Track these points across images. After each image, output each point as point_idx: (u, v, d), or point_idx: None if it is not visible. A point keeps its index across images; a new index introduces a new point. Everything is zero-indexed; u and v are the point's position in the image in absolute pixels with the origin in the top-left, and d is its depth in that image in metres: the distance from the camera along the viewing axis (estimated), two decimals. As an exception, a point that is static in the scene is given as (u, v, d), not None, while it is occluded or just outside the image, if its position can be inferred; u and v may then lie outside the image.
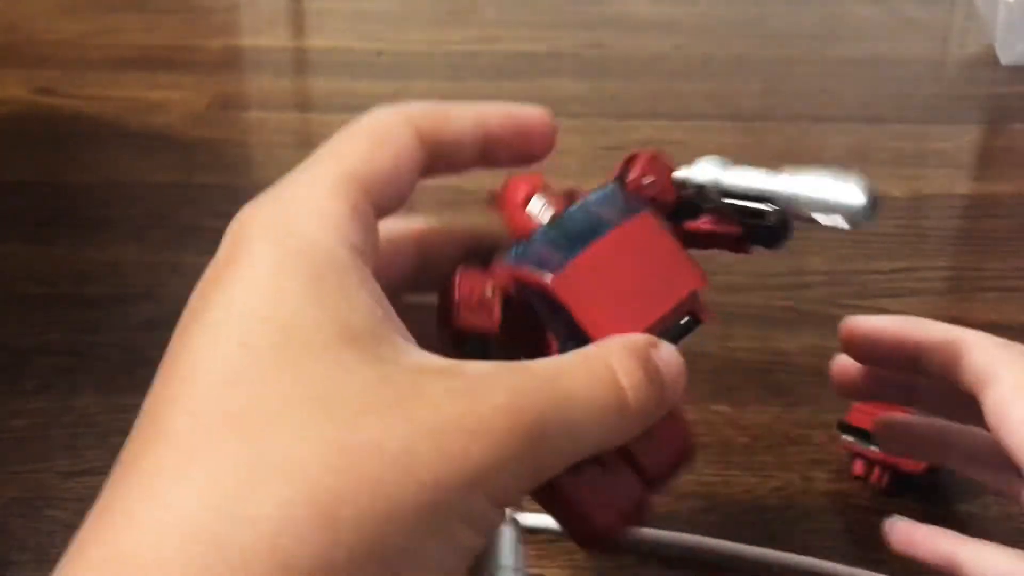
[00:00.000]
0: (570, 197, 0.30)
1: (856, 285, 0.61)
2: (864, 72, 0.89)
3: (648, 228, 0.29)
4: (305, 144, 0.86)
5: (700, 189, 0.30)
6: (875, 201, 0.27)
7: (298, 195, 0.24)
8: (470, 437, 0.21)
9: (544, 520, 0.43)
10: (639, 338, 0.26)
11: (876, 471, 0.45)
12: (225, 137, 0.78)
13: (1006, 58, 0.90)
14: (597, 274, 0.28)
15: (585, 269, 0.28)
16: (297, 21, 1.00)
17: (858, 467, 0.46)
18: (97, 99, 0.83)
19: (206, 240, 0.25)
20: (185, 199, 0.70)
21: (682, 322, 0.28)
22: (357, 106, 0.27)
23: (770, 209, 0.29)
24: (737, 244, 0.31)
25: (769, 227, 0.29)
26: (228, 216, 0.25)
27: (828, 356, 0.40)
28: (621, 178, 0.31)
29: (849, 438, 0.46)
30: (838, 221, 0.27)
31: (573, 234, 0.28)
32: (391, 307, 0.24)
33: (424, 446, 0.20)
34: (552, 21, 0.99)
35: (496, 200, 0.31)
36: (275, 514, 0.19)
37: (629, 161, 0.31)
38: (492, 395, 0.22)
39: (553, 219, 0.29)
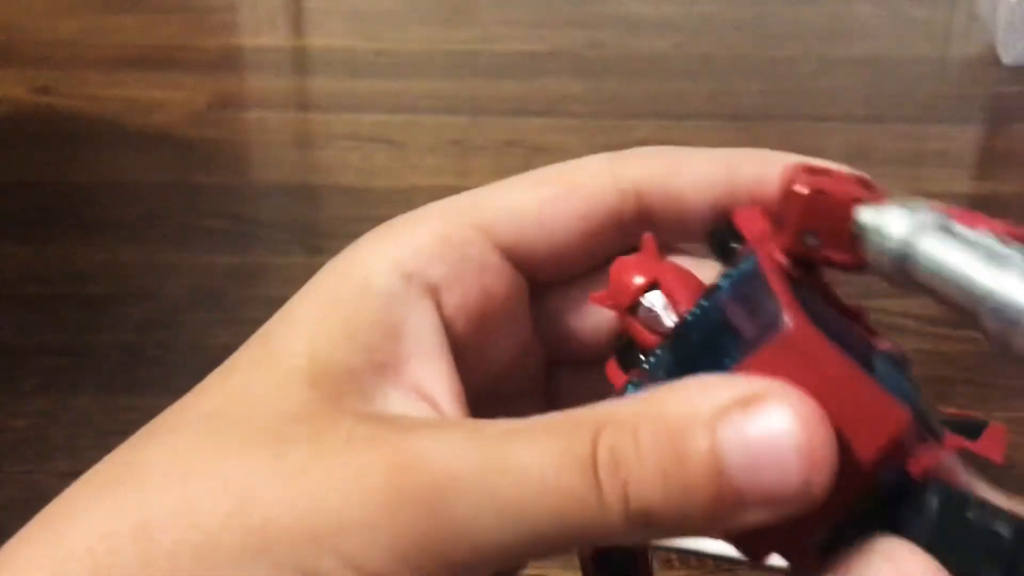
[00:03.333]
0: (700, 286, 0.21)
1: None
2: (864, 71, 0.89)
3: (809, 344, 0.18)
4: (304, 144, 0.87)
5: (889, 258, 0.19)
6: None
7: (397, 222, 0.23)
8: (334, 488, 0.18)
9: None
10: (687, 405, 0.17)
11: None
12: (224, 137, 0.78)
13: (1007, 58, 0.90)
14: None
15: None
16: (296, 20, 1.00)
17: None
18: (96, 99, 0.83)
19: (205, 239, 0.25)
20: (184, 198, 0.69)
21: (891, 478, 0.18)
22: (356, 106, 0.27)
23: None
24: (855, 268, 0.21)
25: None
26: (227, 215, 0.24)
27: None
28: (758, 239, 0.20)
29: None
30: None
31: (699, 361, 0.19)
32: (432, 343, 0.21)
33: (271, 488, 0.19)
34: (552, 20, 0.99)
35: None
36: (97, 526, 0.19)
37: (785, 200, 0.19)
38: (390, 449, 0.18)
39: (672, 333, 0.20)
